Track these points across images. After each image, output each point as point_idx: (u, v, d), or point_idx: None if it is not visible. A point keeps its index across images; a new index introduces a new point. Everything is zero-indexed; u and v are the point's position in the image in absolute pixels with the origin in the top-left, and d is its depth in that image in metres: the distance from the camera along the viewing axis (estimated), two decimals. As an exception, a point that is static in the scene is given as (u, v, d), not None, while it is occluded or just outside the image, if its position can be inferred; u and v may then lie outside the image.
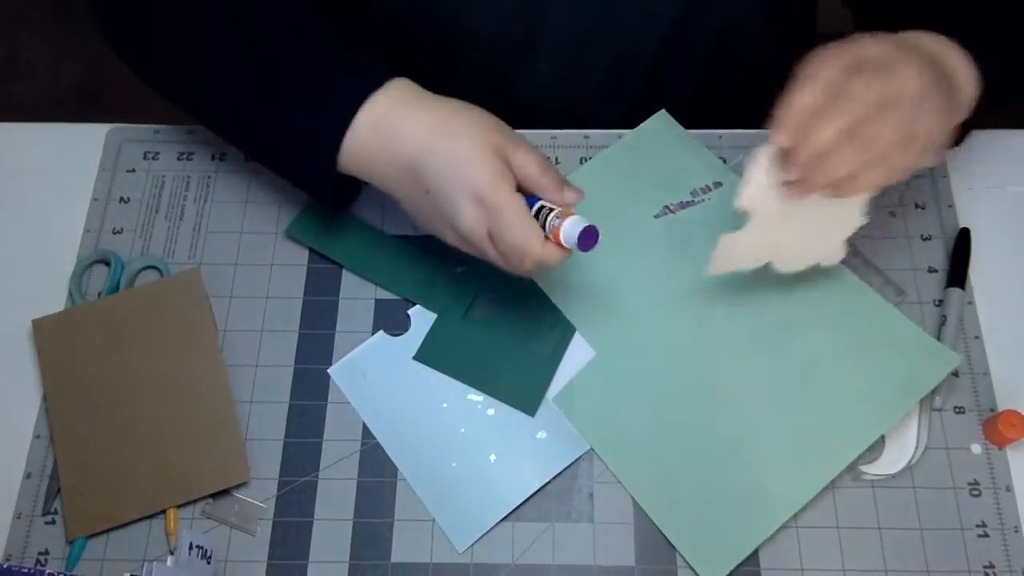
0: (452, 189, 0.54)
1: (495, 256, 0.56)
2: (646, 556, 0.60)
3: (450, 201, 0.54)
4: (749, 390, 0.63)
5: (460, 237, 0.56)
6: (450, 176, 0.54)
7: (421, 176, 0.55)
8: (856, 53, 0.52)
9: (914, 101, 0.52)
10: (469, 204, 0.54)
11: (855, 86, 0.51)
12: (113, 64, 0.70)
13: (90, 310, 0.67)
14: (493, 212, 0.54)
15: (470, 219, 0.54)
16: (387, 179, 0.58)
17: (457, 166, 0.54)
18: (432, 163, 0.55)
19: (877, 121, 0.52)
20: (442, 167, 0.55)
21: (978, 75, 0.57)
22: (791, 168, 0.54)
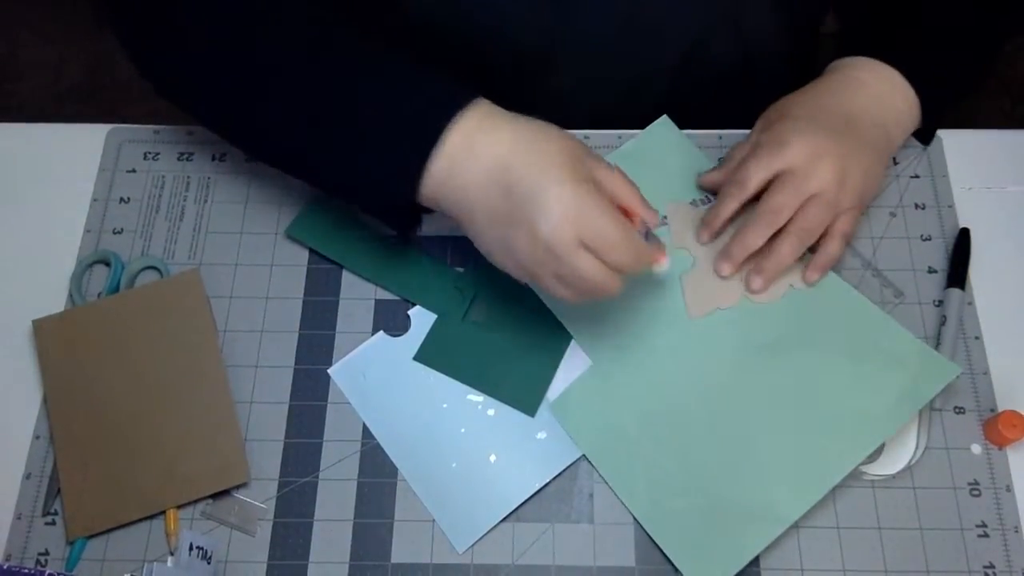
0: (539, 196, 0.53)
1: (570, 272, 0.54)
2: (646, 557, 0.60)
3: (537, 206, 0.53)
4: (746, 401, 0.63)
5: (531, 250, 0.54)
6: (540, 184, 0.53)
7: (509, 177, 0.54)
8: (784, 159, 0.62)
9: (830, 192, 0.62)
10: (553, 214, 0.52)
11: (781, 199, 0.62)
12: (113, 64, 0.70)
13: (90, 311, 0.67)
14: (583, 217, 0.53)
15: (553, 229, 0.52)
16: (469, 187, 0.55)
17: (547, 162, 0.53)
18: (524, 166, 0.54)
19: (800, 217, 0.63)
20: (534, 171, 0.53)
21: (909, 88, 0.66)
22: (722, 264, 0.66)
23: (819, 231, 0.64)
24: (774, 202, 0.63)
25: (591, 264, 0.54)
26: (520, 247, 0.54)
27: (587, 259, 0.54)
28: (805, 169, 0.62)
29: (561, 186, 0.53)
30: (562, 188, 0.53)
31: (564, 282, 0.55)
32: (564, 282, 0.55)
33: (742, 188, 0.64)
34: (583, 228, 0.53)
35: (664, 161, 0.73)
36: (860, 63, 0.68)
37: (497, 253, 0.56)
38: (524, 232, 0.53)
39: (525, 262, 0.55)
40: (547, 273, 0.55)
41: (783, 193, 0.63)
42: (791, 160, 0.62)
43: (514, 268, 0.57)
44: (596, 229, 0.53)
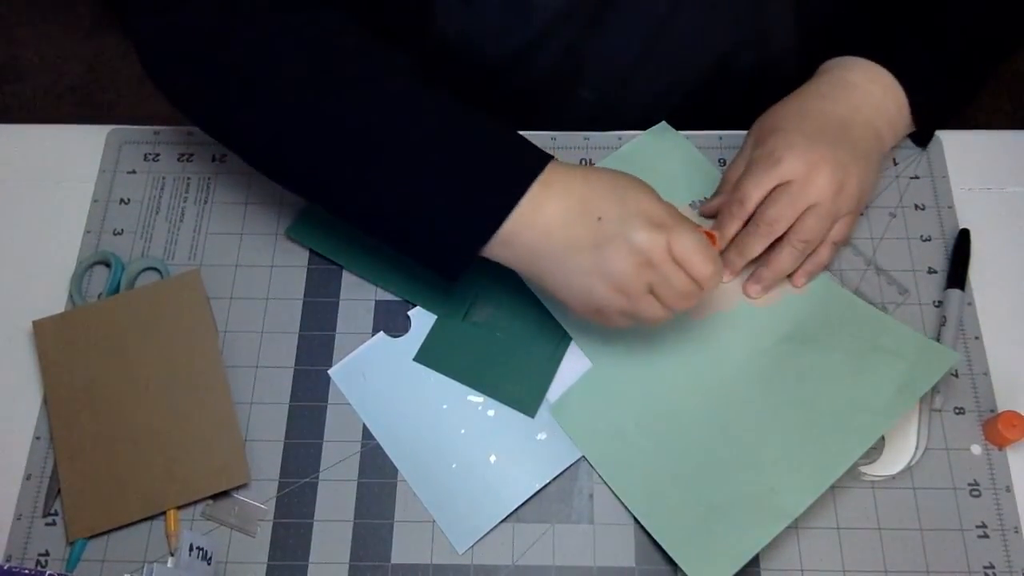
0: (627, 212, 0.55)
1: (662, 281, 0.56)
2: (646, 557, 0.60)
3: (626, 221, 0.55)
4: (745, 401, 0.63)
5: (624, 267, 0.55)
6: (624, 201, 0.55)
7: (593, 202, 0.55)
8: (780, 175, 0.62)
9: (827, 202, 0.63)
10: (645, 224, 0.55)
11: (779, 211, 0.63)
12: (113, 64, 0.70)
13: (90, 311, 0.67)
14: (672, 229, 0.55)
15: (648, 236, 0.54)
16: (550, 227, 0.55)
17: (631, 193, 0.56)
18: (606, 193, 0.56)
19: (799, 228, 0.63)
20: (617, 195, 0.56)
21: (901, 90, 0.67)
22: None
23: (818, 240, 0.64)
24: (771, 214, 0.63)
25: (682, 276, 0.56)
26: (613, 267, 0.55)
27: (679, 271, 0.56)
28: (802, 181, 0.62)
29: (651, 202, 0.56)
30: (651, 203, 0.56)
31: (627, 314, 0.57)
32: (627, 314, 0.57)
33: (742, 207, 0.64)
34: (674, 238, 0.55)
35: (663, 163, 0.73)
36: (851, 64, 0.68)
37: (574, 287, 0.57)
38: (618, 248, 0.55)
39: (605, 292, 0.56)
40: (617, 304, 0.56)
41: (781, 205, 0.63)
42: (787, 174, 0.63)
43: (586, 303, 0.57)
44: (678, 243, 0.55)
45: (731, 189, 0.66)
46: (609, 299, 0.56)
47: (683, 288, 0.56)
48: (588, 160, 0.74)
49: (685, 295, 0.56)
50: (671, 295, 0.56)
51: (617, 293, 0.56)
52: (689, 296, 0.57)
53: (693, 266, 0.55)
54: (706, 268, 0.56)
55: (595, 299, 0.57)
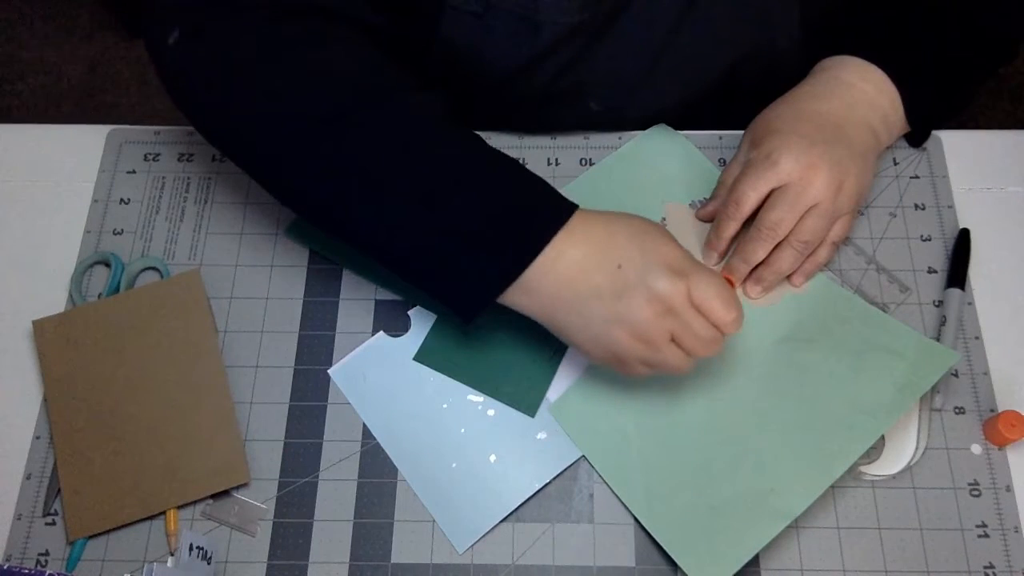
0: (647, 259, 0.55)
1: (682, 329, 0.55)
2: (646, 557, 0.60)
3: (647, 269, 0.55)
4: (745, 401, 0.63)
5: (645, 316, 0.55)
6: (645, 249, 0.55)
7: (614, 250, 0.55)
8: (777, 176, 0.62)
9: (827, 202, 0.62)
10: (665, 272, 0.54)
11: (779, 215, 0.63)
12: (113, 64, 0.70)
13: (90, 311, 0.67)
14: (692, 275, 0.55)
15: (668, 283, 0.54)
16: (572, 270, 0.55)
17: (651, 241, 0.56)
18: (626, 240, 0.56)
19: (800, 229, 0.63)
20: (636, 241, 0.56)
21: (900, 96, 0.67)
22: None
23: (818, 241, 0.64)
24: (772, 218, 0.63)
25: (703, 322, 0.55)
26: (634, 315, 0.55)
27: (700, 318, 0.55)
28: (800, 183, 0.62)
29: (670, 248, 0.56)
30: (670, 250, 0.56)
31: (648, 363, 0.57)
32: (648, 363, 0.57)
33: (738, 208, 0.64)
34: (694, 285, 0.55)
35: (663, 162, 0.73)
36: (844, 63, 0.67)
37: (594, 334, 0.56)
38: (639, 295, 0.54)
39: (626, 340, 0.55)
40: (638, 353, 0.56)
41: (780, 208, 0.63)
42: (785, 176, 0.62)
43: (606, 349, 0.57)
44: (698, 289, 0.55)
45: (727, 191, 0.66)
46: (630, 348, 0.56)
47: (705, 335, 0.56)
48: (588, 160, 0.74)
49: (708, 342, 0.56)
50: (694, 342, 0.56)
51: (638, 342, 0.55)
52: (712, 343, 0.56)
53: (714, 312, 0.55)
54: (728, 314, 0.55)
55: (615, 347, 0.56)
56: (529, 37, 0.65)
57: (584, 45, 0.67)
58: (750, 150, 0.66)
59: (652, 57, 0.69)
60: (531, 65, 0.68)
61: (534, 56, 0.67)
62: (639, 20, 0.67)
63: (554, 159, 0.74)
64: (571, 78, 0.70)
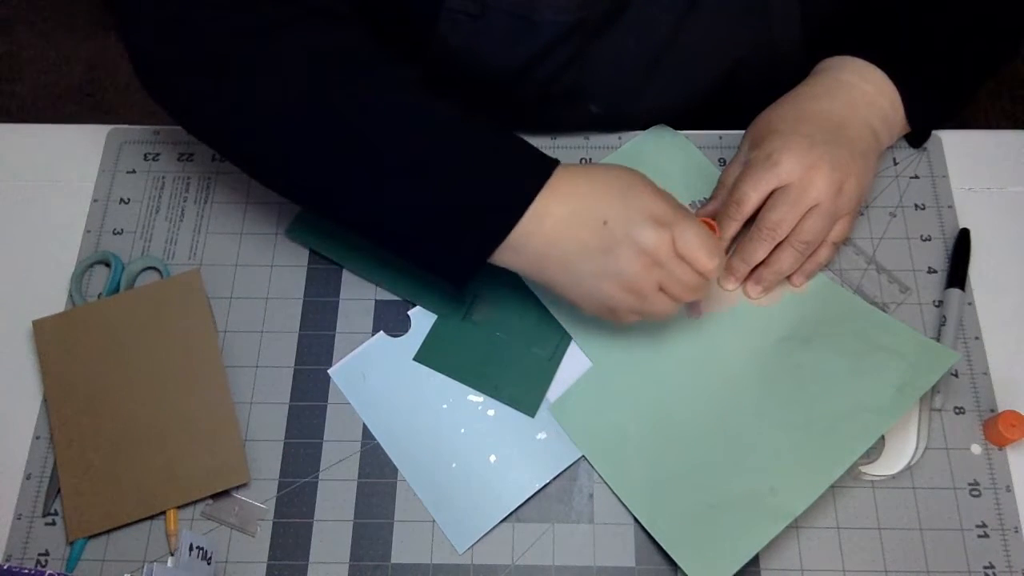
0: (632, 213, 0.56)
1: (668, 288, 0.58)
2: (646, 557, 0.60)
3: (632, 222, 0.56)
4: (745, 401, 0.63)
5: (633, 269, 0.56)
6: (628, 202, 0.56)
7: (598, 205, 0.56)
8: (778, 177, 0.63)
9: (828, 202, 0.63)
10: (650, 224, 0.56)
11: (779, 215, 0.63)
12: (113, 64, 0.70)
13: (90, 311, 0.67)
14: (675, 225, 0.57)
15: (654, 236, 0.56)
16: (558, 227, 0.56)
17: (635, 193, 0.57)
18: (610, 194, 0.57)
19: (800, 230, 0.63)
20: (620, 196, 0.57)
21: (900, 96, 0.67)
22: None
23: (818, 241, 0.65)
24: (773, 218, 0.63)
25: (688, 270, 0.57)
26: (622, 268, 0.56)
27: (685, 266, 0.57)
28: (801, 183, 0.62)
29: (653, 198, 0.57)
30: (654, 201, 0.57)
31: (638, 312, 0.59)
32: (638, 312, 0.59)
33: (739, 208, 0.64)
34: (678, 235, 0.56)
35: (663, 162, 0.73)
36: (844, 64, 0.67)
37: (585, 289, 0.58)
38: (626, 249, 0.56)
39: (616, 292, 0.57)
40: (628, 303, 0.58)
41: (781, 209, 0.63)
42: (786, 176, 0.63)
43: (597, 303, 0.59)
44: (682, 239, 0.56)
45: (728, 191, 0.66)
46: (621, 299, 0.58)
47: (690, 282, 0.58)
48: (588, 160, 0.74)
49: (692, 288, 0.58)
50: (679, 289, 0.58)
51: (628, 293, 0.58)
52: (696, 289, 0.58)
53: (697, 260, 0.57)
54: (710, 262, 0.57)
55: (606, 300, 0.58)
56: (527, 37, 0.65)
57: (582, 45, 0.67)
58: (751, 150, 0.66)
59: (652, 58, 0.69)
60: (529, 66, 0.68)
61: (532, 56, 0.67)
62: (638, 20, 0.67)
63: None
64: (570, 79, 0.70)
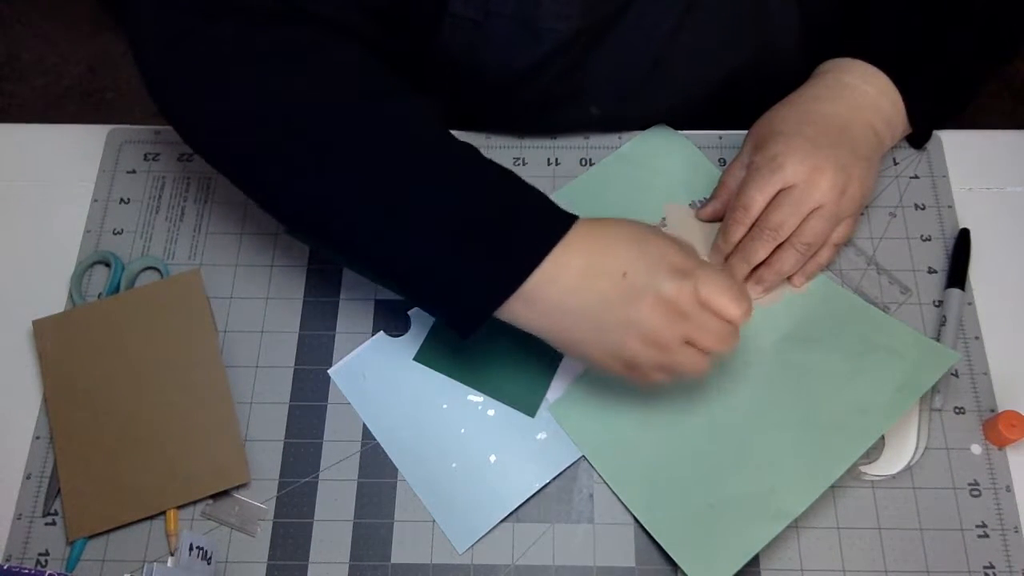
0: (651, 265, 0.54)
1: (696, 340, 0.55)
2: (646, 557, 0.60)
3: (652, 273, 0.54)
4: (745, 401, 0.63)
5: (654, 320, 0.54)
6: (647, 253, 0.55)
7: (616, 257, 0.54)
8: (783, 179, 0.63)
9: (831, 204, 0.63)
10: (671, 274, 0.54)
11: (782, 216, 0.63)
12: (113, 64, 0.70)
13: (90, 311, 0.67)
14: (697, 274, 0.54)
15: (675, 286, 0.54)
16: (576, 279, 0.54)
17: (652, 245, 0.55)
18: (628, 245, 0.55)
19: (803, 231, 0.63)
20: (637, 246, 0.55)
21: (901, 98, 0.67)
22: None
23: (820, 243, 0.65)
24: (776, 219, 0.63)
25: (715, 320, 0.55)
26: (644, 321, 0.54)
27: (711, 315, 0.55)
28: (805, 185, 0.62)
29: (671, 249, 0.55)
30: (673, 252, 0.55)
31: (664, 368, 0.56)
32: (664, 368, 0.56)
33: (746, 212, 0.64)
34: (701, 284, 0.54)
35: (663, 162, 0.73)
36: (846, 66, 0.67)
37: (606, 343, 0.55)
38: (648, 301, 0.54)
39: (639, 347, 0.54)
40: (653, 359, 0.55)
41: (784, 210, 0.63)
42: (790, 178, 0.62)
43: (620, 360, 0.56)
44: (706, 287, 0.54)
45: (733, 194, 0.66)
46: (643, 354, 0.55)
47: (720, 331, 0.55)
48: (588, 160, 0.74)
49: (723, 337, 0.55)
50: (709, 340, 0.55)
51: (651, 347, 0.55)
52: (727, 338, 0.55)
53: (724, 308, 0.54)
54: (738, 308, 0.55)
55: (628, 355, 0.55)
56: (529, 44, 0.65)
57: (584, 51, 0.67)
58: (753, 152, 0.66)
59: (652, 62, 0.69)
60: (531, 71, 0.68)
61: (534, 62, 0.67)
62: (638, 25, 0.67)
63: (554, 159, 0.74)
64: (571, 83, 0.70)
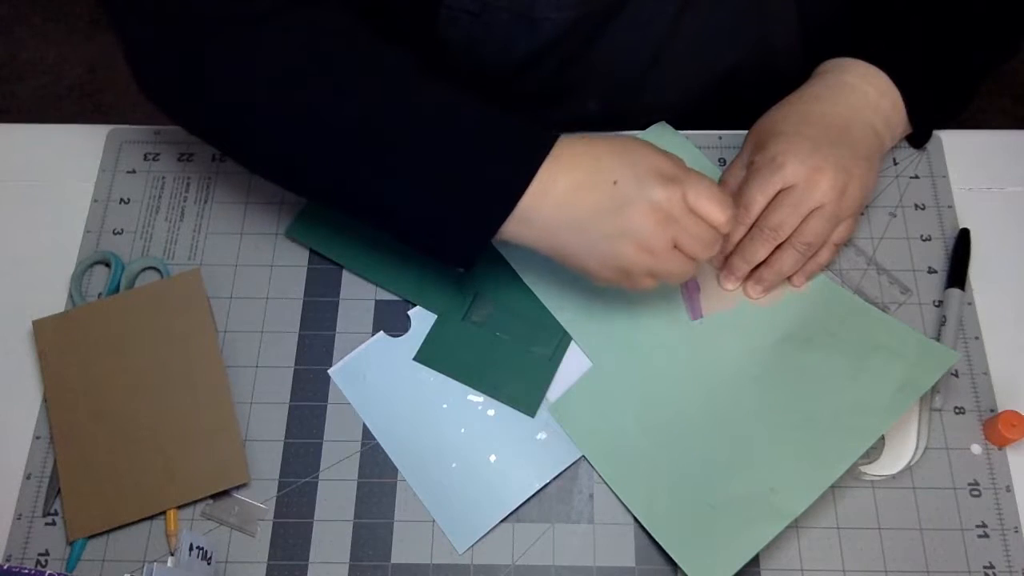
0: (640, 174, 0.56)
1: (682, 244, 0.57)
2: (646, 557, 0.60)
3: (641, 181, 0.56)
4: (745, 401, 0.63)
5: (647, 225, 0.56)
6: (634, 163, 0.56)
7: (605, 169, 0.56)
8: (783, 179, 0.63)
9: (831, 204, 0.63)
10: (660, 181, 0.56)
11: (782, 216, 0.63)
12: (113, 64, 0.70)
13: (90, 311, 0.67)
14: (685, 181, 0.56)
15: (665, 191, 0.55)
16: (568, 192, 0.56)
17: (638, 154, 0.57)
18: (615, 157, 0.57)
19: (803, 231, 0.63)
20: (623, 157, 0.57)
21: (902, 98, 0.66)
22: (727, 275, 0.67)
23: (820, 243, 0.65)
24: (775, 219, 0.63)
25: (702, 225, 0.57)
26: (637, 227, 0.56)
27: (698, 220, 0.57)
28: (805, 185, 0.62)
29: (658, 158, 0.57)
30: (659, 159, 0.57)
31: (653, 273, 0.58)
32: (653, 273, 0.58)
33: (747, 212, 0.64)
34: (688, 189, 0.56)
35: None
36: (847, 66, 0.67)
37: (600, 252, 0.57)
38: (640, 208, 0.56)
39: (632, 252, 0.57)
40: (644, 264, 0.57)
41: (784, 210, 0.63)
42: (791, 178, 0.63)
43: (612, 267, 0.58)
44: (694, 196, 0.56)
45: (733, 194, 0.66)
46: (636, 259, 0.57)
47: (705, 236, 0.57)
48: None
49: (707, 243, 0.58)
50: (695, 245, 0.57)
51: (644, 252, 0.57)
52: (711, 244, 0.58)
53: (711, 214, 0.57)
54: (723, 214, 0.57)
55: (622, 261, 0.57)
56: (526, 34, 0.65)
57: (581, 43, 0.67)
58: (754, 152, 0.66)
59: (651, 55, 0.69)
60: (529, 63, 0.68)
61: (531, 53, 0.67)
62: (637, 17, 0.67)
63: (554, 159, 0.74)
64: (569, 76, 0.70)
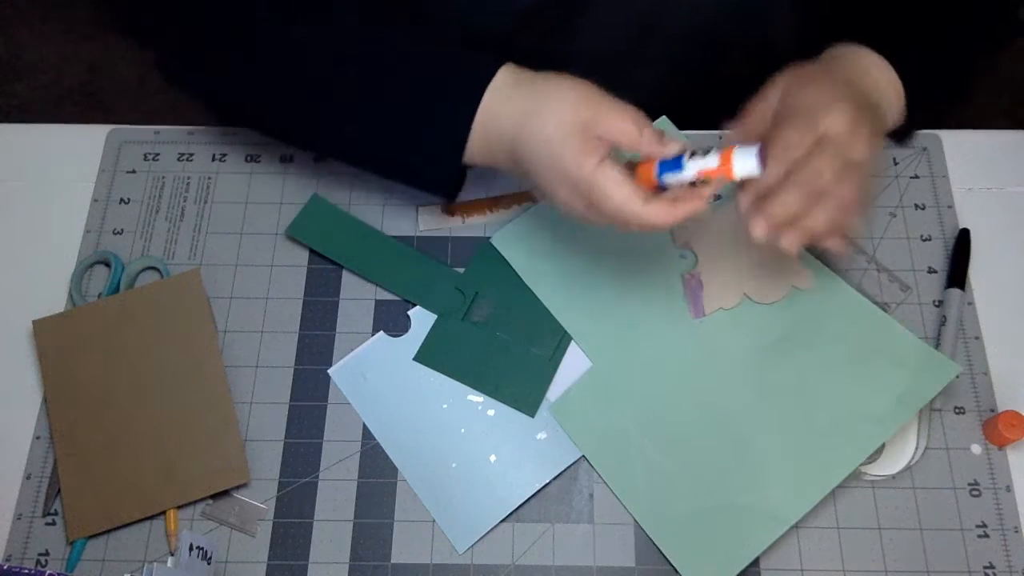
0: (543, 172, 0.57)
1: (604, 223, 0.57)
2: (646, 557, 0.60)
3: (545, 182, 0.57)
4: (746, 403, 0.63)
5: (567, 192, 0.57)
6: (539, 159, 0.57)
7: (518, 160, 0.58)
8: (827, 126, 0.57)
9: (866, 165, 0.57)
10: (560, 186, 0.56)
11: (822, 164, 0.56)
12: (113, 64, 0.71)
13: (90, 311, 0.67)
14: (585, 188, 0.55)
15: (564, 199, 0.56)
16: (500, 163, 0.60)
17: (545, 148, 0.56)
18: (524, 149, 0.57)
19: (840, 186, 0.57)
20: (532, 151, 0.57)
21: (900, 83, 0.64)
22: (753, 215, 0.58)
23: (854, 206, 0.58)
24: (815, 166, 0.57)
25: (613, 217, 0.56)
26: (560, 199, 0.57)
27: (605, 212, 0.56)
28: (846, 136, 0.57)
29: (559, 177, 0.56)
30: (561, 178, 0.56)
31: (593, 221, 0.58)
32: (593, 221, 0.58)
33: (788, 151, 0.57)
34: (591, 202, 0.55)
35: None
36: (858, 52, 0.66)
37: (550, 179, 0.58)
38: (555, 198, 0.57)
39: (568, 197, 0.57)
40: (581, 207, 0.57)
41: (823, 158, 0.57)
42: (834, 126, 0.57)
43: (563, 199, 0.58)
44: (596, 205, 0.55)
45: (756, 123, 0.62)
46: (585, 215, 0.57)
47: (620, 228, 0.56)
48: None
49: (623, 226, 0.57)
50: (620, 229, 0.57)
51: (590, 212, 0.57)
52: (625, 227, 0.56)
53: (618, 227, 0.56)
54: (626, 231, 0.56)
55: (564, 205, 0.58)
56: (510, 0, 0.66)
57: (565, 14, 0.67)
58: (788, 96, 0.61)
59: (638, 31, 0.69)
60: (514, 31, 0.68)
61: (516, 21, 0.67)
62: None
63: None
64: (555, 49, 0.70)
